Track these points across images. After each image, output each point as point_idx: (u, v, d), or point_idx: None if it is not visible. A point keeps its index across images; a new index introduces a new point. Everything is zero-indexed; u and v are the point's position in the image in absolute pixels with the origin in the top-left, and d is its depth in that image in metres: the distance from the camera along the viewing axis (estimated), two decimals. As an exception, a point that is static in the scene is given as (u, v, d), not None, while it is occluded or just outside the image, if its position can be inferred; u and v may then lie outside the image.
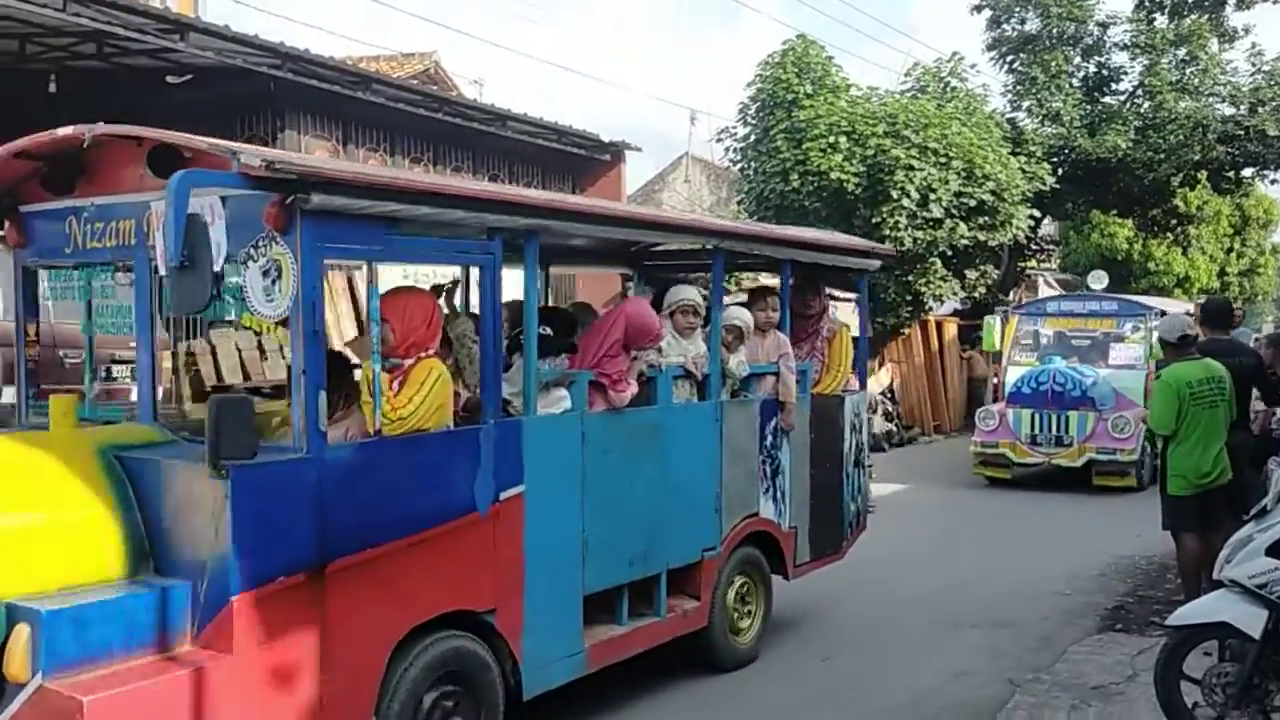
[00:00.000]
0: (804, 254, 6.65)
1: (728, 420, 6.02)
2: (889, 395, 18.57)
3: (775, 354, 6.43)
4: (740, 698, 5.76)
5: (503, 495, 4.59)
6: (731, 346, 6.14)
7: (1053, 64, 22.31)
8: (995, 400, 14.16)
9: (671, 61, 63.58)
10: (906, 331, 19.16)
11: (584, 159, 15.56)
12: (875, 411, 17.73)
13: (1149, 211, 25.00)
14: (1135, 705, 5.48)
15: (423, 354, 4.42)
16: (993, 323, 14.63)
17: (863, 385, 7.50)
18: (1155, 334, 11.56)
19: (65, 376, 9.26)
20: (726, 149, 20.30)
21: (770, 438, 6.38)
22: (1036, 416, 12.85)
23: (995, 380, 15.29)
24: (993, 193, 18.23)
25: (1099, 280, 16.59)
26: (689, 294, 5.94)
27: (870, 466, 7.72)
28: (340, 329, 11.63)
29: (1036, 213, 20.64)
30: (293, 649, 3.79)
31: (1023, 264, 24.35)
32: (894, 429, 17.80)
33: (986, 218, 18.47)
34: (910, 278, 18.52)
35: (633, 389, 5.37)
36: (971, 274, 20.15)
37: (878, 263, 7.68)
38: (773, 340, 6.49)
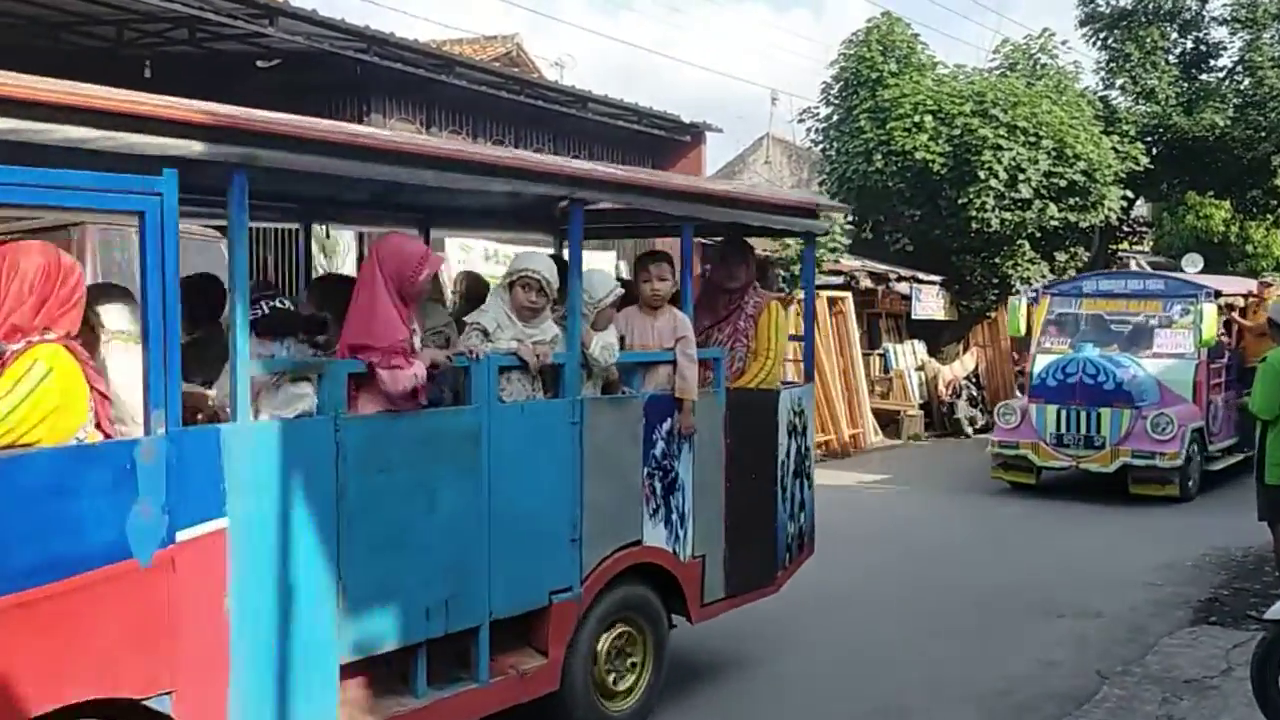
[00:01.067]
0: (710, 211, 5.30)
1: (593, 424, 4.62)
2: (974, 380, 18.28)
3: (670, 338, 5.02)
4: (838, 681, 5.73)
5: (185, 535, 3.28)
6: (597, 324, 4.74)
7: (1148, 40, 21.65)
8: (1022, 394, 12.87)
9: (754, 40, 63.12)
10: (993, 315, 18.82)
11: (665, 140, 15.51)
12: (960, 396, 17.49)
13: (1248, 192, 24.14)
14: (1230, 700, 5.33)
15: (33, 339, 3.16)
16: (1017, 304, 12.68)
17: (808, 376, 6.27)
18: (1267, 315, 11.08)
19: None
20: (808, 129, 20.14)
21: (663, 445, 4.95)
22: (1063, 413, 11.18)
23: (1023, 371, 13.92)
24: (1084, 173, 17.80)
25: (1194, 264, 16.11)
26: (534, 263, 4.55)
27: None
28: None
29: (1129, 193, 20.11)
30: None
31: (1114, 246, 23.76)
32: (978, 414, 17.52)
33: (1077, 199, 18.06)
34: (997, 260, 18.20)
35: (415, 370, 3.90)
36: (1061, 256, 19.72)
37: (824, 225, 6.37)
38: (667, 320, 5.07)
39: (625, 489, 4.80)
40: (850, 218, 19.38)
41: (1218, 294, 12.12)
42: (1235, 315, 13.12)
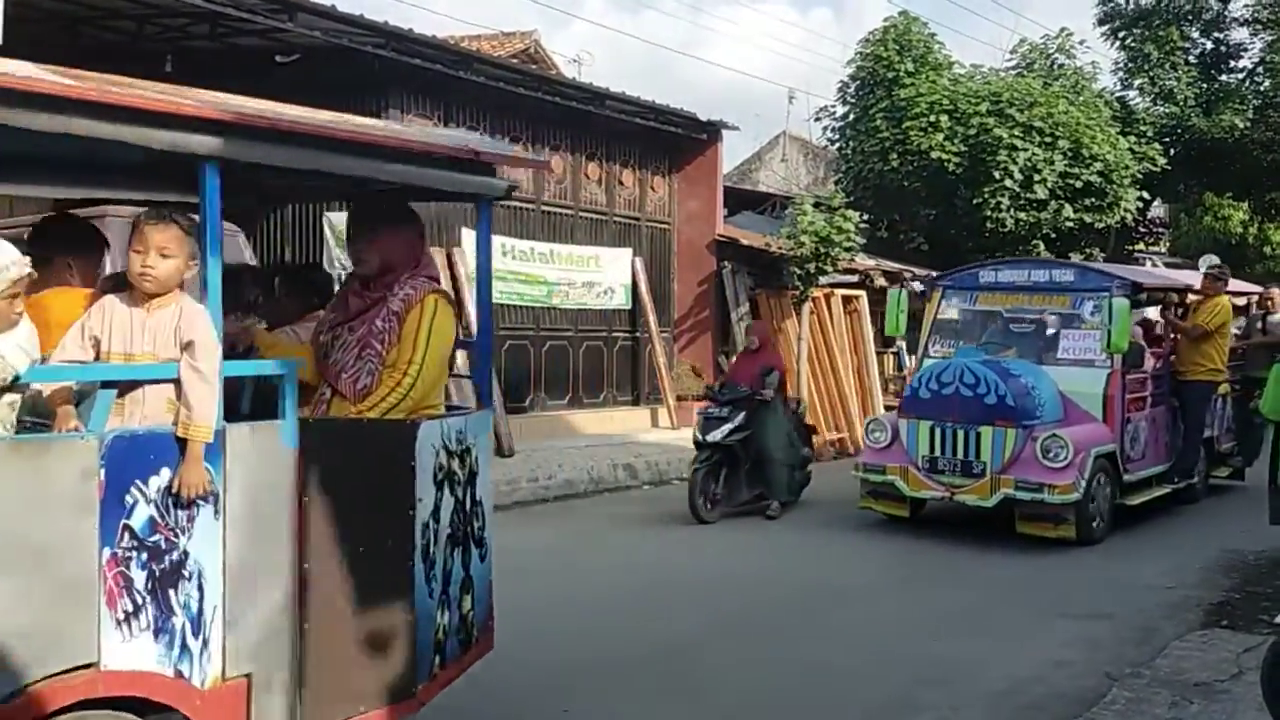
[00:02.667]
0: (250, 149, 3.42)
1: None
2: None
3: (172, 341, 3.34)
4: (847, 675, 5.75)
5: None
6: None
7: (1167, 40, 21.57)
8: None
9: (773, 39, 63.00)
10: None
11: (682, 138, 15.53)
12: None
13: (1267, 194, 24.05)
14: (1240, 704, 5.32)
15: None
16: (897, 296, 10.41)
17: (482, 401, 4.72)
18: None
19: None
20: (825, 128, 20.15)
21: (151, 512, 3.18)
22: (938, 432, 9.05)
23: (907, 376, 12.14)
24: (1100, 174, 17.77)
25: (1210, 265, 16.07)
26: None
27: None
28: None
29: (1146, 194, 20.06)
30: None
31: (1130, 247, 23.69)
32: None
33: (1093, 199, 18.03)
34: (1012, 260, 18.17)
35: None
36: (1076, 257, 19.67)
37: (502, 184, 4.36)
38: (168, 315, 3.37)
39: (54, 585, 3.00)
40: (866, 217, 19.39)
41: (1137, 288, 9.93)
42: (1169, 315, 10.89)
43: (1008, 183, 17.05)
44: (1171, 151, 20.83)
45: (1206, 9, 22.16)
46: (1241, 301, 12.11)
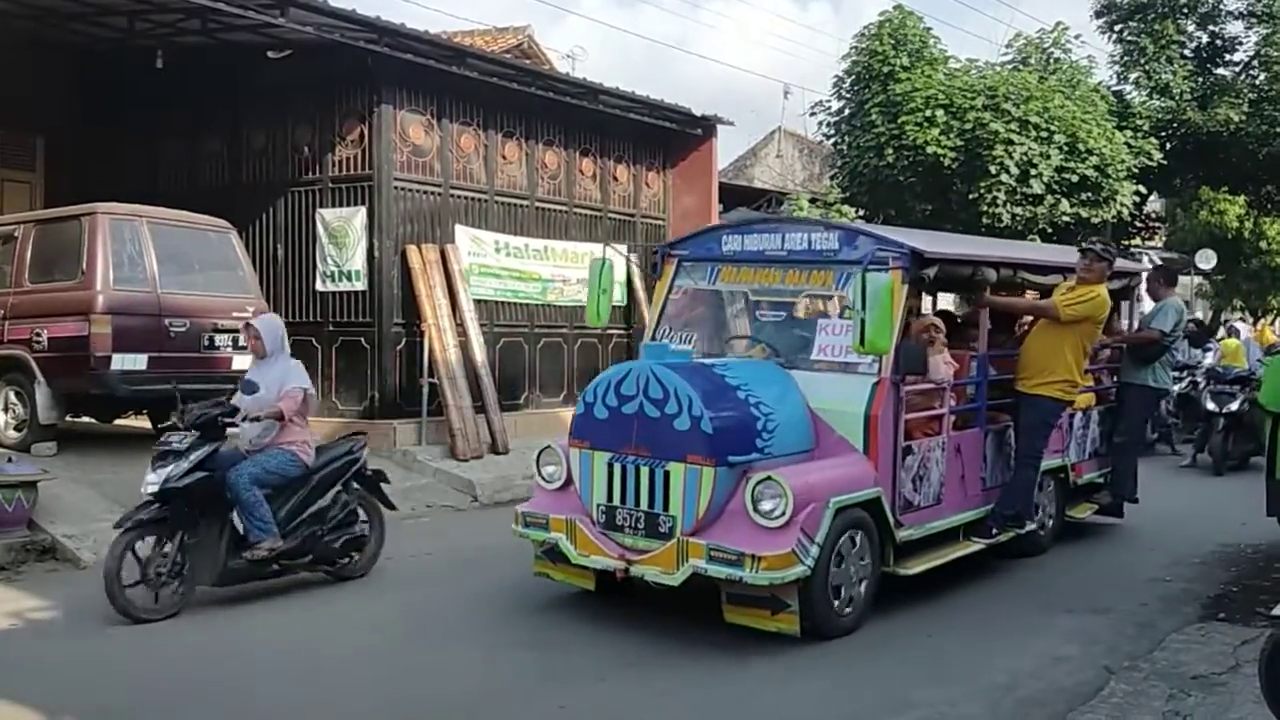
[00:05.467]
0: None
1: None
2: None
3: None
4: (845, 670, 5.72)
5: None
6: None
7: (1163, 34, 21.54)
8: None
9: (768, 34, 62.94)
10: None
11: (676, 133, 15.48)
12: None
13: (1262, 188, 24.03)
14: (1238, 697, 5.30)
15: None
16: (600, 269, 7.43)
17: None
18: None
19: (171, 345, 9.58)
20: (820, 123, 20.13)
21: None
22: (617, 469, 6.22)
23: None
24: (1096, 168, 17.75)
25: (1207, 260, 16.08)
26: None
27: None
28: (434, 300, 11.79)
29: (1142, 189, 20.05)
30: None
31: (1126, 242, 23.69)
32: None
33: (1089, 194, 18.01)
34: (1008, 255, 18.16)
35: None
36: (1072, 252, 19.67)
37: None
38: None
39: None
40: (861, 212, 19.36)
41: (919, 259, 6.71)
42: (992, 297, 7.70)
43: (1003, 177, 17.03)
44: (1167, 145, 20.82)
45: (1202, 2, 22.14)
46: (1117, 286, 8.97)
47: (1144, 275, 9.63)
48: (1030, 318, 8.15)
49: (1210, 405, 12.77)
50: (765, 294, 7.47)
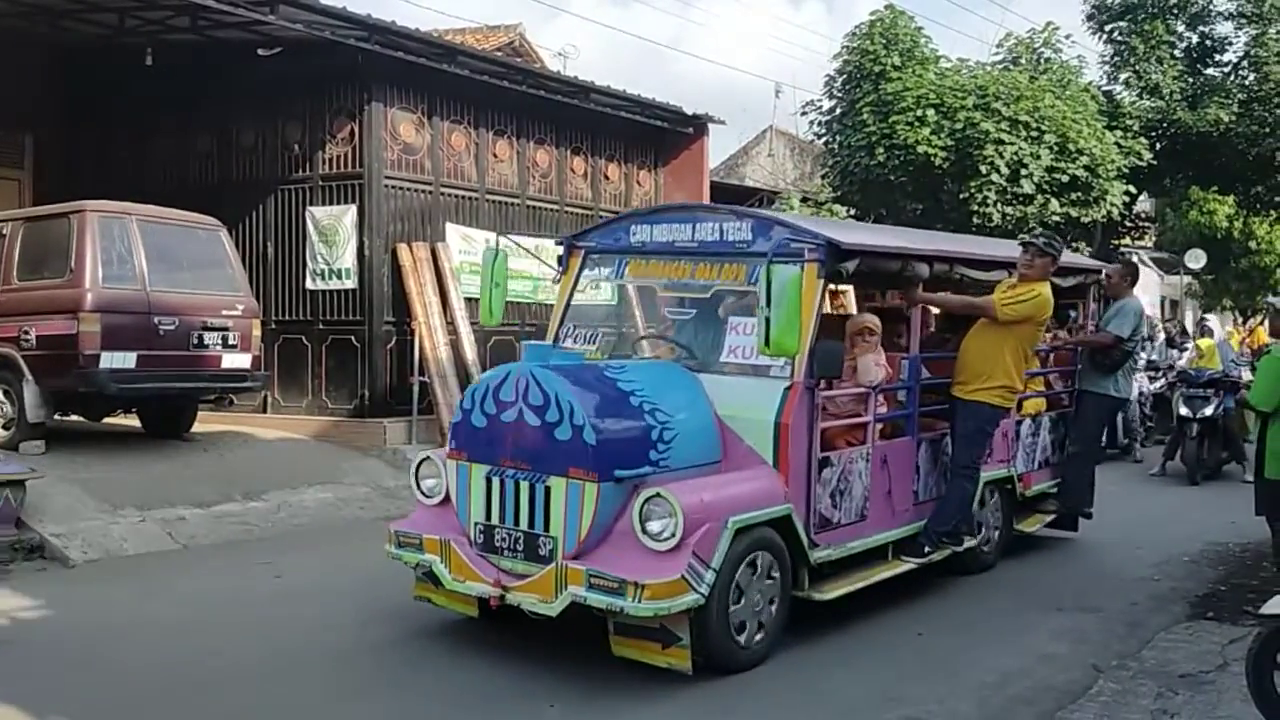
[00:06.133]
0: None
1: None
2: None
3: None
4: (836, 669, 5.72)
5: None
6: None
7: (1153, 34, 21.58)
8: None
9: (761, 32, 62.93)
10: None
11: (667, 132, 15.48)
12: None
13: (1252, 188, 24.07)
14: (1225, 695, 5.32)
15: None
16: (492, 262, 6.99)
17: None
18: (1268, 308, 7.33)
19: (160, 343, 9.55)
20: (811, 122, 20.11)
21: None
22: (495, 484, 5.65)
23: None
24: (1086, 168, 17.78)
25: (1196, 259, 16.09)
26: None
27: None
28: (424, 298, 11.77)
29: (1132, 189, 20.09)
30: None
31: (1116, 242, 23.74)
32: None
33: (1079, 194, 18.03)
34: (998, 254, 18.18)
35: None
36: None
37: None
38: None
39: None
40: (852, 211, 19.38)
41: (835, 251, 6.04)
42: (924, 293, 6.98)
43: (994, 177, 17.04)
44: (1157, 145, 20.84)
45: (1192, 3, 22.17)
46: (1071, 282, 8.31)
47: (1105, 272, 8.75)
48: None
49: (1183, 410, 11.85)
50: (675, 289, 6.92)
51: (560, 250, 7.18)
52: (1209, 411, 11.66)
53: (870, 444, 6.49)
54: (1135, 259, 19.12)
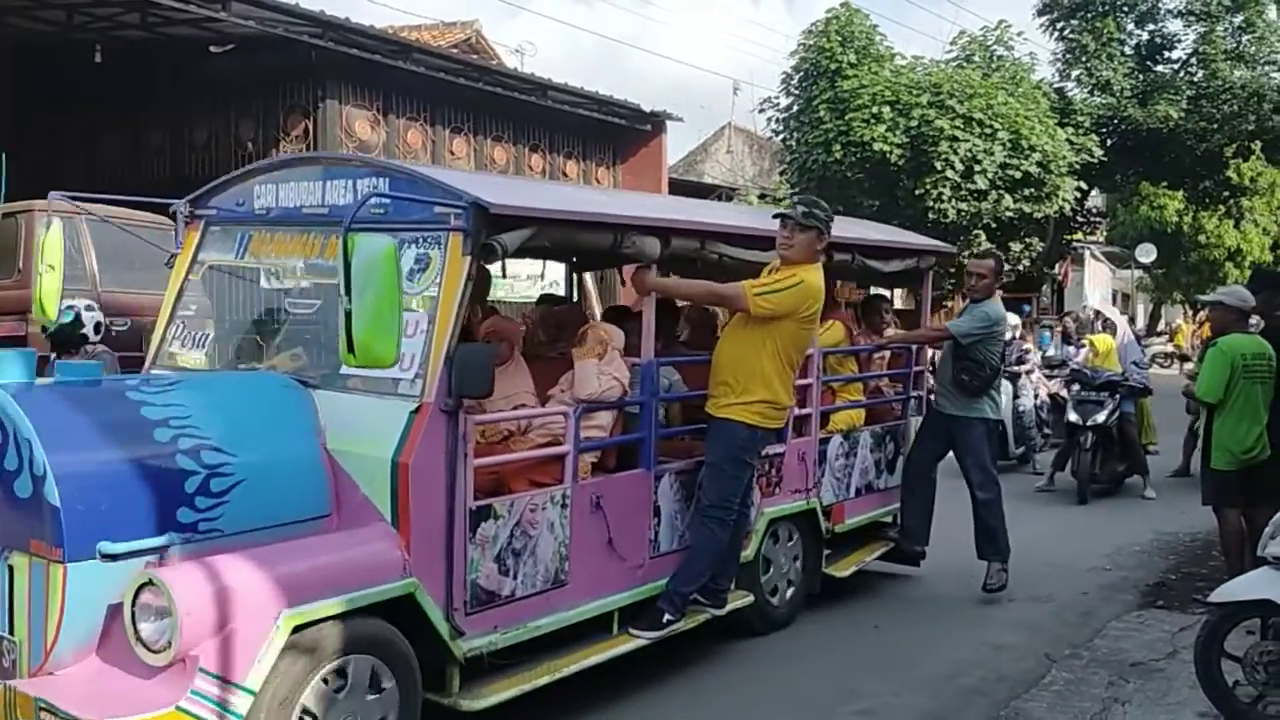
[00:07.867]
0: None
1: None
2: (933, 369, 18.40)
3: None
4: (793, 663, 5.75)
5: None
6: None
7: (1104, 31, 21.89)
8: None
9: (720, 30, 63.15)
10: (950, 305, 18.99)
11: (625, 129, 15.49)
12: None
13: (1200, 183, 24.54)
14: (1175, 682, 5.41)
15: None
16: (46, 231, 5.32)
17: None
18: (1215, 301, 6.57)
19: (112, 343, 9.42)
20: (769, 119, 20.20)
21: None
22: None
23: None
24: (1039, 164, 18.00)
25: (1147, 254, 16.33)
26: None
27: None
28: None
29: (1084, 185, 20.40)
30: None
31: (1068, 237, 24.05)
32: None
33: (1032, 190, 18.26)
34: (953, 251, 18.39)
35: None
36: (1016, 247, 19.92)
37: None
38: None
39: None
40: (809, 207, 19.47)
41: (482, 216, 4.16)
42: (657, 278, 5.34)
43: (949, 173, 17.22)
44: (1108, 142, 21.16)
45: (1142, 1, 22.52)
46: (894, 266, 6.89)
47: (969, 268, 7.08)
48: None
49: (1073, 416, 10.19)
50: (299, 272, 5.03)
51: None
52: (1101, 419, 10.03)
53: (570, 482, 4.71)
54: (1088, 253, 19.23)
